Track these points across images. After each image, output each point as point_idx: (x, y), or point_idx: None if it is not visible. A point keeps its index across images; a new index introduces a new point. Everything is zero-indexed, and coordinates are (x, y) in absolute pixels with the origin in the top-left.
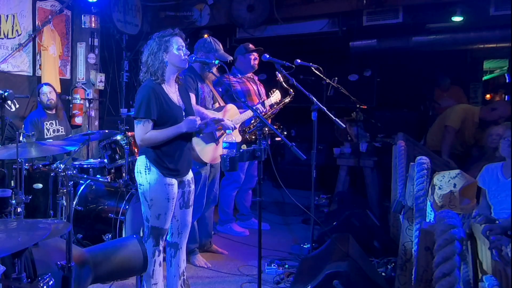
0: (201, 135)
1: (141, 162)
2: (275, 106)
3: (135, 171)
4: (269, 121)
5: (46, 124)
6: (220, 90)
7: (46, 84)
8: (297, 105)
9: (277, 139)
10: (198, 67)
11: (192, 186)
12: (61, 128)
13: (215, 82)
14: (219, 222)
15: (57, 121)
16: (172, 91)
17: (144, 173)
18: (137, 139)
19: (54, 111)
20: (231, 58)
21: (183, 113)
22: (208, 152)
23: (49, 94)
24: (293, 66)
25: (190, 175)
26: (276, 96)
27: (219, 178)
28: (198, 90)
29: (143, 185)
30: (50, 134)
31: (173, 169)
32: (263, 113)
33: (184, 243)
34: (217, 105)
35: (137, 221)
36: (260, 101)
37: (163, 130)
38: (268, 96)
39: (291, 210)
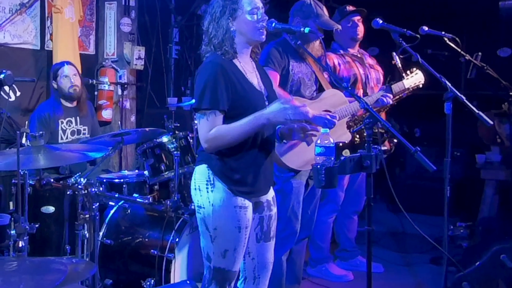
0: (284, 142)
1: (200, 174)
2: (401, 94)
3: (192, 187)
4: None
5: (62, 122)
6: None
7: (68, 62)
8: (423, 93)
9: (384, 148)
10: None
11: (274, 210)
12: (84, 129)
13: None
14: (310, 262)
15: (78, 118)
16: (249, 70)
17: (205, 190)
18: (202, 141)
19: (75, 104)
20: (338, 27)
21: (266, 101)
22: (296, 154)
23: (73, 78)
24: (418, 36)
25: (270, 194)
26: (415, 78)
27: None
28: (289, 70)
29: (204, 207)
30: (67, 138)
31: (248, 185)
32: (388, 105)
33: None
34: None
35: (193, 260)
36: (384, 85)
37: (235, 124)
38: (401, 78)
39: (414, 244)
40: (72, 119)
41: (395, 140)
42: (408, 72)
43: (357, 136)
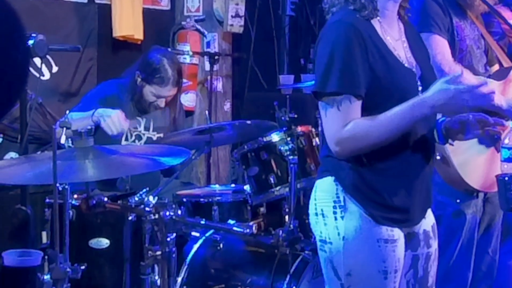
0: (450, 142)
1: (325, 191)
2: None
3: (311, 211)
4: None
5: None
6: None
7: (175, 74)
8: None
9: None
10: None
11: (434, 245)
12: (159, 137)
13: (487, 23)
14: None
15: (152, 119)
16: (394, 36)
17: (333, 216)
18: (330, 142)
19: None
20: None
21: (418, 83)
22: (479, 167)
23: (163, 103)
24: None
25: (429, 222)
26: None
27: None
28: (454, 34)
29: (330, 241)
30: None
31: (398, 209)
32: None
33: None
34: (496, 67)
35: None
36: None
37: (381, 117)
38: None
39: None
40: (141, 119)
41: None
42: None
43: None
